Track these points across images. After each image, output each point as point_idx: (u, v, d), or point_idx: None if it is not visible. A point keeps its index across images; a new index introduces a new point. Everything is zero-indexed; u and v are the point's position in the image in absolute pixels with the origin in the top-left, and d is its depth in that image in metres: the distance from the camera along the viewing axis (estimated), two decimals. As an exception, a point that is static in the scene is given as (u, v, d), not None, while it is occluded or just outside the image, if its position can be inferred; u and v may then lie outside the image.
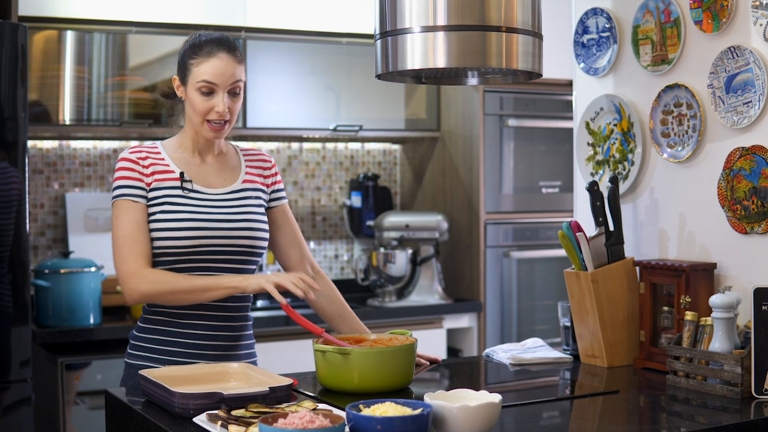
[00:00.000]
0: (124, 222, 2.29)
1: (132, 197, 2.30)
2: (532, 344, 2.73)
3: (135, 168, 2.33)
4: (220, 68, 2.31)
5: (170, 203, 2.32)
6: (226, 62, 2.32)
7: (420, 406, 1.73)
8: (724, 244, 2.47)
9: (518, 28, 2.19)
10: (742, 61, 2.41)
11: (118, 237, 2.29)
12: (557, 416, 2.08)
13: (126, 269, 2.26)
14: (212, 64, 2.31)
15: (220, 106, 2.31)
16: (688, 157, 2.57)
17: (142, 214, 2.30)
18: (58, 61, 3.74)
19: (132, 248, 2.26)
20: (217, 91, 2.31)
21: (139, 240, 2.27)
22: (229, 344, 2.37)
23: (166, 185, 2.33)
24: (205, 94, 2.31)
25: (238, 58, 2.35)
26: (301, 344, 3.80)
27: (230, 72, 2.32)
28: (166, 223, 2.30)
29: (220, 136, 2.36)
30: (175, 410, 1.91)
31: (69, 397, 3.53)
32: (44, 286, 3.55)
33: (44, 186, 4.07)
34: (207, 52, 2.32)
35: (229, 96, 2.33)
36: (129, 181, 2.32)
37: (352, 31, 4.26)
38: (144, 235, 2.28)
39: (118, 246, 2.28)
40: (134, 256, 2.26)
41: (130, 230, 2.28)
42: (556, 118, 4.50)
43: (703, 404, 2.11)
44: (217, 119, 2.32)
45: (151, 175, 2.33)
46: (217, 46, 2.33)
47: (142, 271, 2.25)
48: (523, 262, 4.45)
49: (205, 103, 2.32)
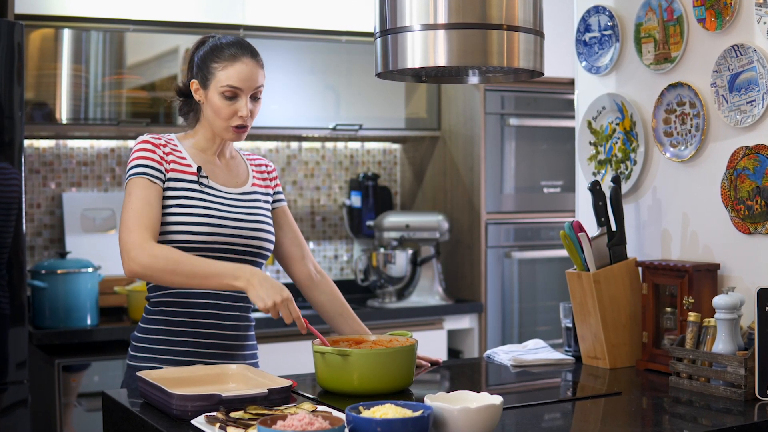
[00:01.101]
0: (135, 197, 2.25)
1: (149, 176, 2.29)
2: (534, 345, 2.73)
3: (156, 151, 2.33)
4: (245, 73, 2.32)
5: (186, 197, 2.32)
6: (250, 67, 2.34)
7: (420, 408, 1.73)
8: (727, 245, 2.47)
9: (520, 26, 2.19)
10: (745, 60, 2.41)
11: (127, 210, 2.25)
12: (559, 418, 2.08)
13: (129, 239, 2.21)
14: (237, 68, 2.32)
15: (244, 110, 2.33)
16: (691, 156, 2.57)
17: (156, 193, 2.28)
18: (55, 60, 3.74)
19: (139, 221, 2.22)
20: (241, 96, 2.33)
21: (148, 214, 2.24)
22: (233, 344, 2.38)
23: (183, 178, 2.34)
24: (228, 98, 2.33)
25: (260, 63, 2.38)
26: (300, 345, 3.80)
27: (254, 77, 2.34)
28: (182, 216, 2.30)
29: (241, 138, 2.39)
30: (173, 412, 1.91)
31: (66, 399, 3.52)
32: (41, 286, 3.55)
33: (41, 186, 4.07)
34: (231, 56, 2.33)
35: (251, 100, 2.35)
36: (148, 161, 2.30)
37: (351, 29, 4.26)
38: (154, 211, 2.25)
39: (126, 218, 2.24)
40: (140, 228, 2.22)
41: (141, 205, 2.24)
42: (558, 117, 4.50)
43: (706, 406, 2.11)
44: (241, 123, 2.34)
45: (170, 163, 2.34)
46: (240, 50, 2.35)
47: (144, 243, 2.20)
48: (525, 262, 4.45)
49: (229, 107, 2.33)
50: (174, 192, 2.32)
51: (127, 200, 2.27)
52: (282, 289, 2.13)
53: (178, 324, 2.33)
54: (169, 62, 3.91)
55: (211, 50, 2.36)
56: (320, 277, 2.54)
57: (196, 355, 2.33)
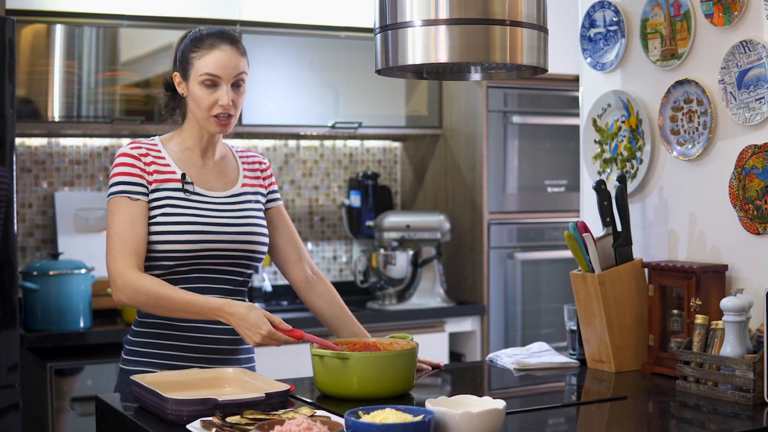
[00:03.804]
0: (118, 219, 2.29)
1: (130, 194, 2.31)
2: (537, 348, 2.73)
3: (135, 164, 2.33)
4: (223, 60, 2.32)
5: (171, 206, 2.32)
6: (229, 54, 2.33)
7: (421, 413, 1.73)
8: (735, 245, 2.47)
9: (523, 21, 2.19)
10: (754, 56, 2.41)
11: (111, 235, 2.29)
12: (563, 423, 2.09)
13: (115, 269, 2.26)
14: (215, 56, 2.32)
15: (224, 98, 2.32)
16: (699, 155, 2.57)
17: (139, 211, 2.30)
18: (47, 56, 3.74)
19: (123, 246, 2.26)
20: (221, 84, 2.33)
21: (130, 237, 2.27)
22: (229, 348, 2.37)
23: (167, 186, 2.34)
24: (208, 87, 2.33)
25: (241, 50, 2.37)
26: (299, 349, 3.79)
27: (233, 64, 2.33)
28: (167, 226, 2.30)
29: (226, 130, 2.37)
30: (168, 417, 1.91)
31: (58, 403, 3.53)
32: (32, 288, 3.55)
33: (32, 185, 4.07)
34: (209, 45, 2.34)
35: (232, 89, 2.34)
36: (128, 177, 2.32)
37: (351, 24, 4.26)
38: (138, 233, 2.28)
39: (110, 245, 2.29)
40: (124, 256, 2.26)
41: (124, 227, 2.28)
42: (562, 115, 4.50)
43: (714, 411, 2.11)
44: (222, 113, 2.34)
45: (152, 174, 2.34)
46: (219, 38, 2.35)
47: (128, 274, 2.24)
48: (528, 263, 4.45)
49: (209, 96, 2.33)
50: (159, 202, 2.32)
51: (110, 222, 2.30)
52: (259, 326, 2.16)
53: (171, 328, 2.33)
54: (164, 59, 3.91)
55: (191, 41, 2.37)
56: (317, 279, 2.54)
57: (191, 360, 2.32)
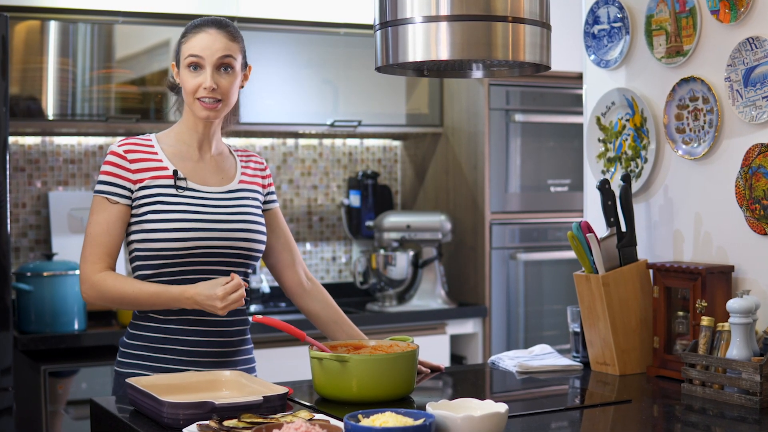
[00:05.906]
0: (95, 221, 2.34)
1: (109, 195, 2.33)
2: (540, 351, 2.73)
3: (120, 164, 2.34)
4: (206, 41, 2.35)
5: (162, 203, 2.32)
6: (213, 36, 2.35)
7: (422, 417, 1.73)
8: (742, 246, 2.47)
9: (525, 18, 2.19)
10: (761, 53, 2.41)
11: (87, 234, 2.36)
12: (566, 427, 2.09)
13: (84, 270, 2.33)
14: (199, 38, 2.35)
15: (207, 81, 2.33)
16: (705, 153, 2.57)
17: (117, 216, 2.33)
18: (41, 53, 3.74)
19: (95, 249, 2.32)
20: (204, 66, 2.34)
21: (103, 242, 2.32)
22: (226, 350, 2.37)
23: (158, 183, 2.34)
24: (193, 70, 2.35)
25: (230, 35, 2.38)
26: (297, 351, 3.79)
27: (217, 46, 2.35)
28: (157, 224, 2.30)
29: (214, 115, 2.36)
30: (164, 420, 1.92)
31: (53, 406, 3.53)
32: (26, 289, 3.55)
33: (26, 184, 4.07)
34: (196, 29, 2.38)
35: (218, 72, 2.35)
36: (111, 177, 2.34)
37: (350, 21, 4.26)
38: (112, 238, 2.33)
39: (84, 244, 2.36)
40: (94, 258, 2.32)
41: (99, 231, 2.33)
42: (566, 113, 4.50)
43: (720, 414, 2.11)
44: (206, 96, 2.34)
45: (138, 172, 2.33)
46: (207, 22, 2.39)
47: (94, 277, 2.31)
48: (531, 264, 4.45)
49: (194, 79, 2.35)
50: (148, 199, 2.32)
51: (89, 220, 2.37)
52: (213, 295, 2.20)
53: (167, 331, 2.33)
54: (160, 56, 3.91)
55: (184, 31, 2.41)
56: (311, 284, 2.54)
57: (187, 363, 2.32)
